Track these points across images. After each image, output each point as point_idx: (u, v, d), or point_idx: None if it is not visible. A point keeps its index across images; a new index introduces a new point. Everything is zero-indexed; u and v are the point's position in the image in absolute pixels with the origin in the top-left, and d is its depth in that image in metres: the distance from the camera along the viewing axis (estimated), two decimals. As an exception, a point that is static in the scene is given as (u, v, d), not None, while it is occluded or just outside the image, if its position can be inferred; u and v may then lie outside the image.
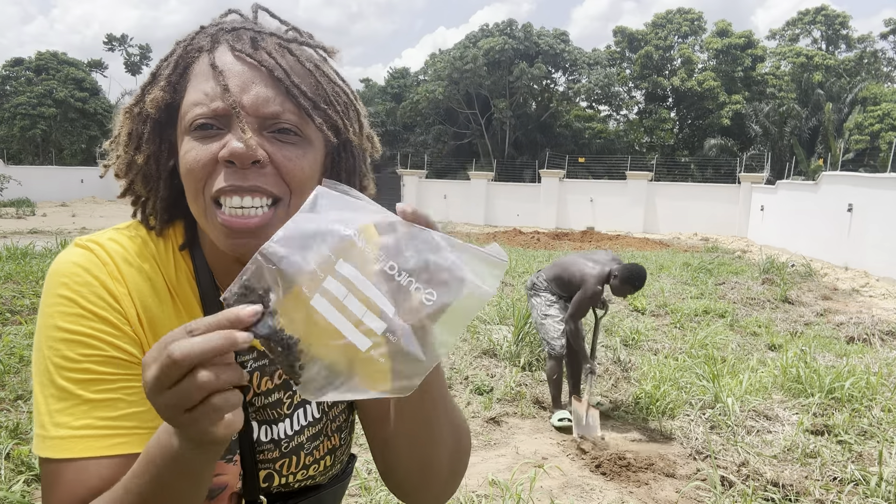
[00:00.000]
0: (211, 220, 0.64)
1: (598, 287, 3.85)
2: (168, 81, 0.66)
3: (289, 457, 0.76)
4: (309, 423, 0.78)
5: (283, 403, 0.76)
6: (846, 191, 12.52)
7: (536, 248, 15.24)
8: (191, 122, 0.64)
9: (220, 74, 0.63)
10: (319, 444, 0.79)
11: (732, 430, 3.78)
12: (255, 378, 0.74)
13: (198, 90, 0.64)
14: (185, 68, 0.67)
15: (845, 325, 6.74)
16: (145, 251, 0.71)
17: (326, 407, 0.80)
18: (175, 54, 0.68)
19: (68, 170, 29.28)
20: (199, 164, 0.63)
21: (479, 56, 28.74)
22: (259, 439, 0.75)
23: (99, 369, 0.63)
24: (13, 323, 5.47)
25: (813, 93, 28.04)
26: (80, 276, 0.65)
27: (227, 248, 0.65)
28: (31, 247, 9.62)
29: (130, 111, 0.69)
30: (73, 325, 0.64)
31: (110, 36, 38.28)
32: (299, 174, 0.66)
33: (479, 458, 3.48)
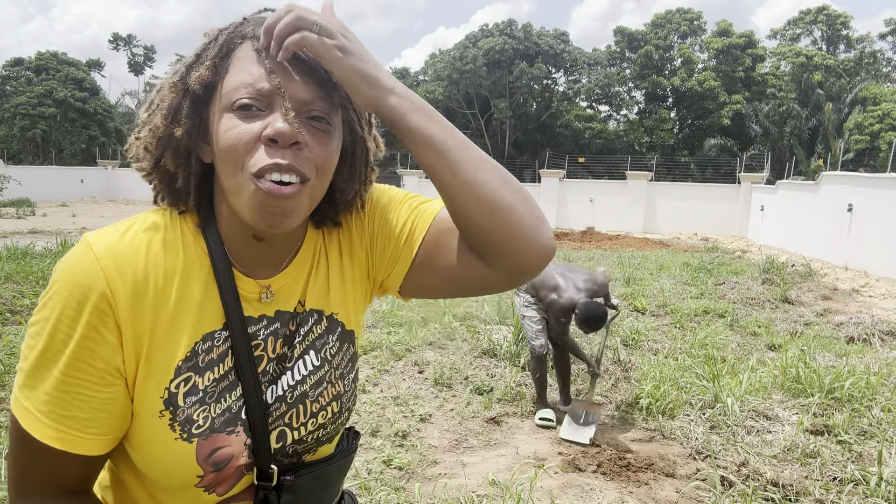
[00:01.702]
0: (247, 192, 0.68)
1: (562, 319, 3.87)
2: (213, 62, 0.71)
3: (295, 407, 0.79)
4: (309, 371, 0.81)
5: (287, 357, 0.80)
6: (846, 191, 12.52)
7: (536, 248, 15.22)
8: (234, 100, 0.68)
9: (265, 59, 0.69)
10: (323, 390, 0.82)
11: (732, 430, 3.79)
12: (269, 343, 0.78)
13: (242, 72, 0.69)
14: (228, 52, 0.72)
15: (845, 325, 6.74)
16: (157, 237, 0.74)
17: (328, 355, 0.83)
18: (220, 38, 0.73)
19: (68, 170, 29.26)
20: (241, 141, 0.68)
21: (479, 56, 28.75)
22: (265, 402, 0.78)
23: (69, 367, 0.68)
24: (13, 323, 5.47)
25: (813, 93, 28.05)
26: (74, 276, 0.69)
27: (260, 218, 0.69)
28: (31, 247, 9.62)
29: (175, 85, 0.72)
30: (58, 320, 0.68)
31: (116, 35, 38.32)
32: (327, 158, 0.72)
33: (479, 458, 3.48)
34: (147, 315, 0.71)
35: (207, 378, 0.74)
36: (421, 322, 6.14)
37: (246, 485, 0.78)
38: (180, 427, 0.72)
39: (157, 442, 0.72)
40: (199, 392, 0.73)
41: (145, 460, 0.74)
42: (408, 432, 3.73)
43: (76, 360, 0.68)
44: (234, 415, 0.75)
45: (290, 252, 0.81)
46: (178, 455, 0.72)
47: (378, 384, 4.53)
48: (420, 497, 2.95)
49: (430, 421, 3.95)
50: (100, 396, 0.69)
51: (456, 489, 3.05)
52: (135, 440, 0.74)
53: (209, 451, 0.73)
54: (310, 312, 0.83)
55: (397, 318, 6.23)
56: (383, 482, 3.07)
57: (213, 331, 0.74)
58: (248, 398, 0.76)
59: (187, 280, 0.74)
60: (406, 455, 3.42)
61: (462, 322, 6.21)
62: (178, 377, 0.72)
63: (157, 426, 0.71)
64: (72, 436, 0.69)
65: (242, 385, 0.76)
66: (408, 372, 4.81)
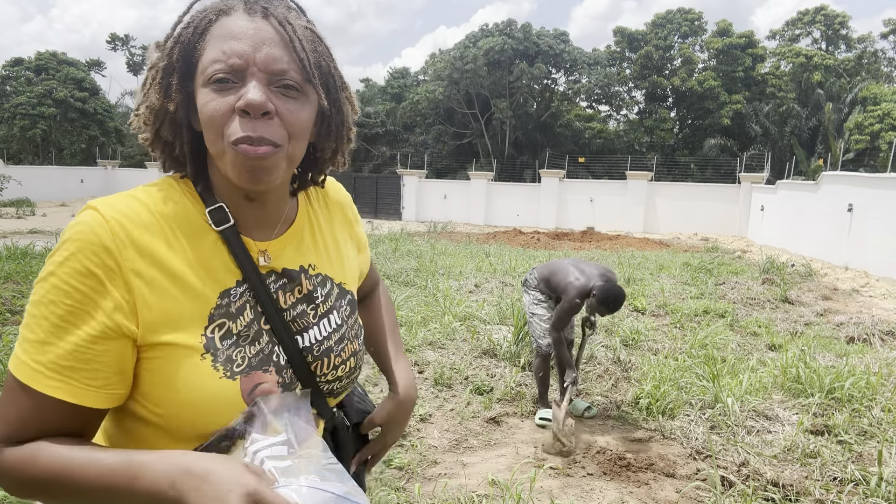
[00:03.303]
0: (229, 156, 0.75)
1: (576, 300, 3.81)
2: (191, 40, 0.77)
3: (321, 359, 0.88)
4: (334, 329, 0.91)
5: (308, 314, 0.88)
6: (846, 191, 12.52)
7: (536, 248, 15.24)
8: (210, 76, 0.74)
9: (237, 35, 0.75)
10: (344, 346, 0.92)
11: (732, 430, 3.78)
12: (279, 296, 0.85)
13: (216, 49, 0.75)
14: (204, 30, 0.77)
15: (845, 325, 6.74)
16: (161, 199, 0.80)
17: (346, 316, 0.94)
18: (191, 15, 0.78)
19: (68, 170, 29.26)
20: (219, 113, 0.74)
21: (479, 56, 28.73)
22: (297, 345, 0.86)
23: (69, 319, 0.71)
24: (13, 323, 5.47)
25: (813, 93, 28.03)
26: (81, 234, 0.73)
27: (243, 178, 0.76)
28: (31, 247, 9.62)
29: (156, 66, 0.78)
30: (64, 275, 0.72)
31: (113, 35, 38.30)
32: (298, 124, 0.78)
33: (479, 458, 3.48)
34: (160, 270, 0.75)
35: (238, 324, 0.80)
36: (421, 322, 6.13)
37: None
38: (223, 366, 0.77)
39: (203, 384, 0.76)
40: (234, 336, 0.79)
41: (189, 409, 0.76)
42: (408, 432, 3.72)
43: (78, 312, 0.71)
44: (266, 356, 0.82)
45: (282, 215, 0.88)
46: (223, 393, 0.77)
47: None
48: (420, 497, 2.95)
49: (430, 421, 3.95)
50: (98, 347, 0.72)
51: (456, 489, 3.05)
52: (172, 390, 0.76)
53: (251, 387, 0.79)
54: (325, 277, 0.92)
55: (397, 317, 6.22)
56: (383, 482, 3.07)
57: (228, 288, 0.80)
58: (282, 340, 0.83)
59: (195, 238, 0.80)
60: (406, 455, 3.42)
61: (462, 322, 6.21)
62: (213, 323, 0.78)
63: (201, 368, 0.76)
64: (69, 385, 0.71)
65: (272, 327, 0.83)
66: (408, 372, 4.80)
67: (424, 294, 7.65)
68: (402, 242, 13.35)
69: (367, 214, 25.90)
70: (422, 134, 34.39)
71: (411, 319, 6.15)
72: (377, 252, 11.49)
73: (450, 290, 7.58)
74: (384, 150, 33.61)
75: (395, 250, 11.95)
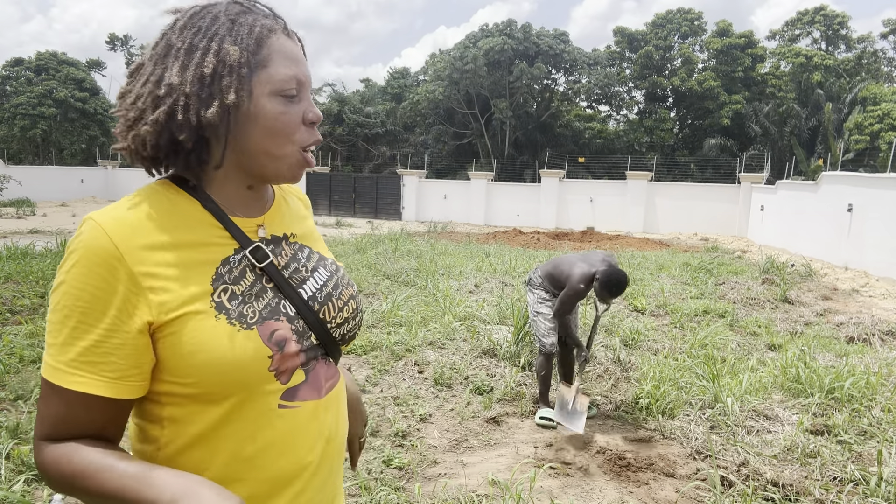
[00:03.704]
0: (293, 159, 0.90)
1: (580, 286, 3.84)
2: (248, 50, 0.85)
3: (326, 304, 0.97)
4: (326, 278, 1.00)
5: (301, 270, 0.97)
6: (846, 191, 12.52)
7: (536, 248, 15.24)
8: (283, 89, 0.87)
9: (293, 57, 0.89)
10: (342, 290, 1.01)
11: (732, 430, 3.79)
12: (274, 259, 0.94)
13: (285, 66, 0.88)
14: (260, 43, 0.86)
15: (845, 325, 6.74)
16: (152, 199, 0.86)
17: (333, 269, 1.03)
18: (252, 27, 0.87)
19: (68, 170, 29.23)
20: (293, 122, 0.89)
21: (479, 56, 28.72)
22: (302, 298, 0.94)
23: (83, 320, 0.78)
24: (13, 323, 5.47)
25: (813, 93, 28.03)
26: (83, 241, 0.80)
27: (293, 176, 0.92)
28: (31, 247, 9.62)
29: (230, 58, 0.85)
30: (72, 280, 0.79)
31: (112, 36, 38.24)
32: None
33: (479, 458, 3.48)
34: (160, 256, 0.82)
35: (240, 287, 0.87)
36: (421, 322, 6.13)
37: (299, 380, 0.91)
38: (238, 321, 0.84)
39: (224, 340, 0.82)
40: (239, 296, 0.86)
41: (217, 367, 0.82)
42: (408, 432, 3.73)
43: (90, 311, 0.78)
44: (274, 308, 0.89)
45: (264, 196, 0.99)
46: (246, 343, 0.84)
47: (378, 384, 4.53)
48: (420, 497, 2.95)
49: (430, 421, 3.95)
50: (113, 341, 0.79)
51: (456, 489, 3.05)
52: (199, 353, 0.81)
53: (269, 333, 0.86)
54: (302, 245, 1.01)
55: (397, 318, 6.23)
56: (383, 482, 3.08)
57: (227, 256, 0.88)
58: (287, 294, 0.91)
59: (186, 223, 0.86)
60: (406, 455, 3.42)
61: (462, 322, 6.21)
62: (217, 289, 0.85)
63: (218, 327, 0.83)
64: (90, 379, 0.79)
65: (279, 287, 0.91)
66: (408, 372, 4.81)
67: (424, 294, 7.66)
68: (402, 242, 13.35)
69: (367, 214, 25.90)
70: (422, 134, 34.38)
71: (411, 319, 6.15)
72: (377, 252, 11.49)
73: (450, 290, 7.58)
74: (384, 150, 33.61)
75: (395, 250, 11.95)
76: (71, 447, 0.79)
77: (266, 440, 0.88)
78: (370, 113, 33.69)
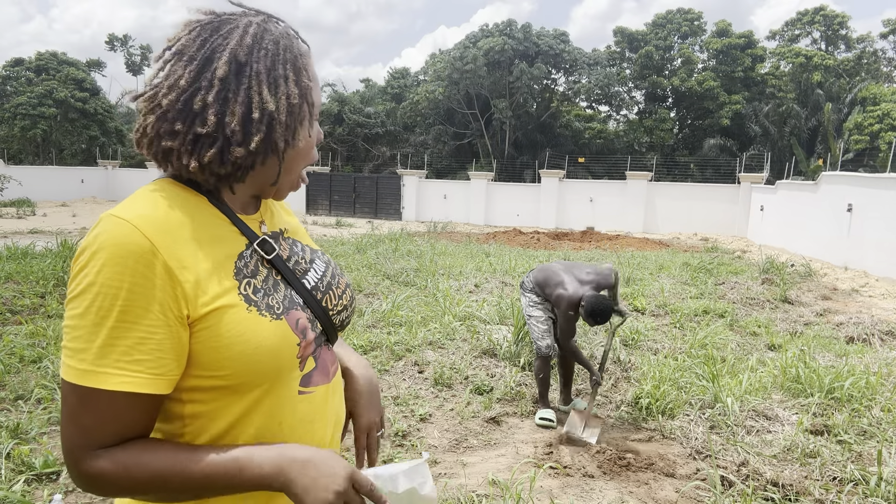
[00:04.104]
0: (297, 179, 0.97)
1: (569, 313, 3.82)
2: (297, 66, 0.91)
3: (327, 293, 1.01)
4: (324, 268, 1.04)
5: (301, 261, 1.01)
6: (846, 191, 12.52)
7: (536, 248, 15.24)
8: (318, 114, 0.95)
9: (318, 80, 0.96)
10: (340, 279, 1.06)
11: (732, 430, 3.79)
12: (284, 252, 0.97)
13: (319, 92, 0.96)
14: (304, 67, 0.92)
15: (845, 325, 6.74)
16: (167, 196, 0.86)
17: (326, 260, 1.07)
18: (301, 55, 0.92)
19: (68, 170, 29.24)
20: (312, 145, 0.96)
21: (479, 56, 28.73)
22: (306, 287, 0.98)
23: (123, 319, 0.77)
24: (13, 323, 5.47)
25: (812, 93, 28.04)
26: (109, 240, 0.78)
27: (294, 189, 0.98)
28: (31, 247, 9.61)
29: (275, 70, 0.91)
30: (107, 279, 0.77)
31: (112, 36, 38.29)
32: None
33: (479, 458, 3.49)
34: (188, 250, 0.83)
35: (258, 280, 0.90)
36: (421, 322, 6.14)
37: (311, 367, 0.94)
38: (267, 311, 0.87)
39: (259, 329, 0.85)
40: (261, 290, 0.89)
41: (252, 357, 0.84)
42: (408, 432, 3.73)
43: (130, 309, 0.77)
44: (290, 300, 0.93)
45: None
46: (280, 331, 0.87)
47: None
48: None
49: (430, 421, 3.96)
50: (157, 337, 0.78)
51: (456, 489, 3.05)
52: (235, 345, 0.83)
53: (295, 322, 0.90)
54: (294, 240, 1.04)
55: (397, 318, 6.23)
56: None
57: (241, 251, 0.90)
58: (294, 285, 0.94)
59: (202, 219, 0.88)
60: (406, 455, 3.42)
61: (462, 322, 6.21)
62: (241, 283, 0.87)
63: (251, 317, 0.85)
64: (142, 378, 0.78)
65: (286, 278, 0.94)
66: (408, 372, 4.81)
67: (424, 294, 7.66)
68: (402, 242, 13.35)
69: (367, 214, 25.90)
70: (422, 134, 34.37)
71: (411, 319, 6.15)
72: (377, 252, 11.49)
73: (450, 290, 7.58)
74: (384, 151, 33.62)
75: (395, 250, 11.95)
76: (136, 450, 0.78)
77: (289, 425, 0.90)
78: (370, 113, 33.69)
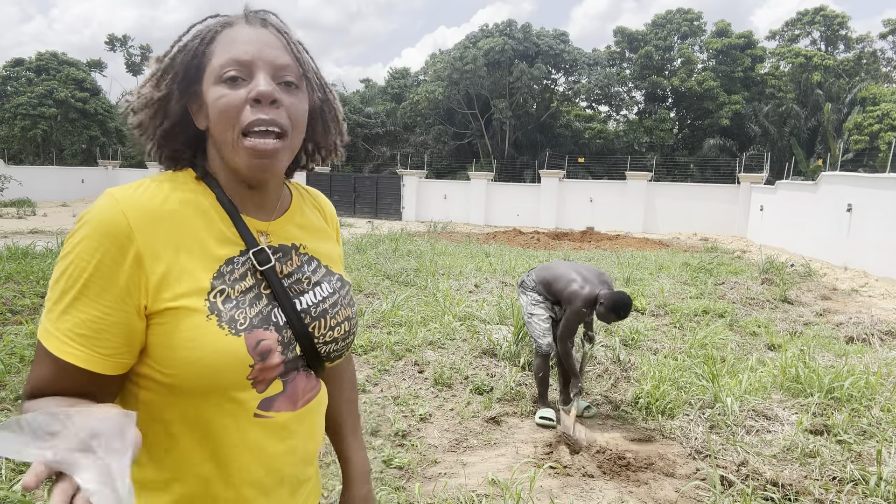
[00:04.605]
0: (239, 147, 0.85)
1: (583, 309, 3.83)
2: (198, 49, 0.87)
3: (318, 319, 0.96)
4: (327, 295, 0.99)
5: (303, 281, 0.97)
6: (845, 191, 12.53)
7: (536, 248, 15.25)
8: (222, 74, 0.84)
9: (244, 40, 0.86)
10: (339, 310, 1.00)
11: (732, 430, 3.79)
12: (278, 267, 0.94)
13: (225, 53, 0.86)
14: (210, 40, 0.87)
15: (845, 325, 6.74)
16: (168, 185, 0.88)
17: (337, 287, 1.02)
18: (196, 30, 0.89)
19: (69, 170, 29.23)
20: (232, 104, 0.84)
21: (479, 56, 28.73)
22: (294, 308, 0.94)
23: (84, 293, 0.79)
24: (14, 323, 5.48)
25: (812, 93, 28.05)
26: (97, 215, 0.80)
27: (250, 168, 0.86)
28: (31, 247, 9.62)
29: (158, 69, 0.89)
30: (82, 252, 0.79)
31: (111, 36, 38.22)
32: (299, 116, 0.89)
33: (479, 458, 3.49)
34: (169, 244, 0.83)
35: (236, 290, 0.87)
36: (421, 322, 6.14)
37: (276, 390, 0.90)
38: (227, 325, 0.84)
39: (211, 341, 0.83)
40: (234, 300, 0.86)
41: (199, 366, 0.82)
42: (408, 432, 3.73)
43: (92, 285, 0.79)
44: (265, 316, 0.89)
45: (278, 200, 0.98)
46: (231, 348, 0.84)
47: (378, 384, 4.53)
48: (420, 497, 2.95)
49: (430, 421, 3.96)
50: (109, 319, 0.80)
51: (456, 489, 3.06)
52: (183, 349, 0.82)
53: (255, 342, 0.86)
54: (311, 257, 1.00)
55: (397, 318, 6.24)
56: (383, 482, 3.08)
57: (232, 256, 0.89)
58: (282, 302, 0.91)
59: (200, 218, 0.88)
60: (406, 455, 3.42)
61: (462, 322, 6.22)
62: (214, 290, 0.85)
63: (208, 327, 0.83)
64: (80, 351, 0.79)
65: (275, 294, 0.91)
66: (408, 372, 4.82)
67: (424, 294, 7.66)
68: (402, 242, 13.36)
69: (367, 214, 25.90)
70: (422, 134, 34.37)
71: (411, 319, 6.15)
72: (377, 252, 11.50)
73: (450, 290, 7.59)
74: (384, 151, 33.60)
75: (395, 250, 11.95)
76: (42, 401, 0.79)
77: (234, 445, 0.88)
78: (370, 113, 33.68)
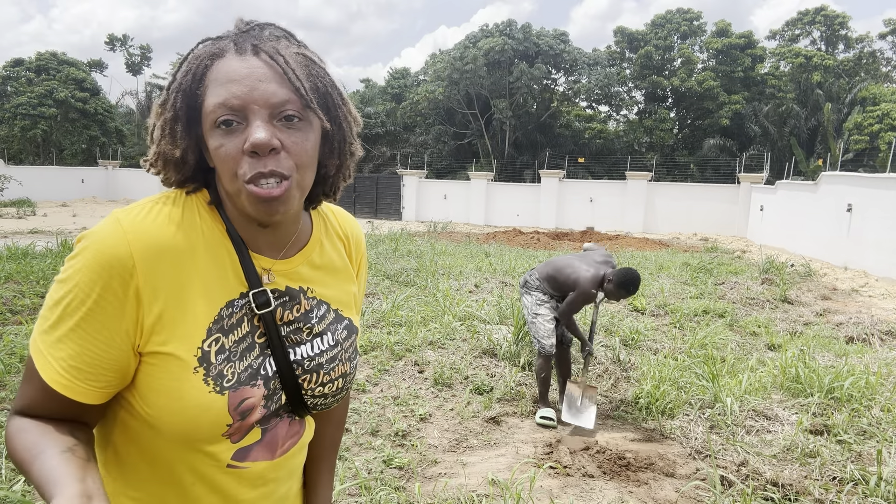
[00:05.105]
0: (244, 194, 0.79)
1: (591, 290, 3.87)
2: (190, 89, 0.80)
3: (310, 373, 0.91)
4: (327, 348, 0.94)
5: (303, 332, 0.91)
6: (845, 191, 12.53)
7: (536, 248, 15.25)
8: (214, 120, 0.78)
9: (233, 78, 0.77)
10: (335, 366, 0.95)
11: (732, 430, 3.79)
12: (278, 312, 0.89)
13: (215, 94, 0.78)
14: (201, 76, 0.80)
15: (845, 325, 6.75)
16: (178, 214, 0.83)
17: (340, 339, 0.96)
18: (189, 62, 0.81)
19: (69, 170, 29.25)
20: (230, 156, 0.78)
21: (479, 56, 28.73)
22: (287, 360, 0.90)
23: (82, 325, 0.76)
24: (14, 323, 5.47)
25: (812, 93, 28.05)
26: (100, 243, 0.77)
27: (259, 213, 0.80)
28: (31, 247, 9.61)
29: (163, 116, 0.82)
30: (81, 281, 0.76)
31: (111, 36, 38.22)
32: (305, 155, 0.81)
33: (479, 458, 3.49)
34: (170, 282, 0.79)
35: (231, 339, 0.84)
36: (421, 322, 6.14)
37: (253, 439, 0.87)
38: (213, 381, 0.81)
39: (192, 396, 0.80)
40: (226, 351, 0.83)
41: (176, 416, 0.80)
42: (408, 432, 3.73)
43: (90, 319, 0.76)
44: (254, 370, 0.85)
45: (292, 236, 0.91)
46: (211, 406, 0.80)
47: (378, 384, 4.53)
48: (420, 497, 2.95)
49: (430, 421, 3.96)
50: (105, 355, 0.78)
51: (456, 489, 3.06)
52: (164, 396, 0.80)
53: (238, 402, 0.83)
54: (320, 301, 0.94)
55: (397, 318, 6.23)
56: (383, 482, 3.08)
57: (232, 299, 0.84)
58: (275, 352, 0.87)
59: (207, 252, 0.83)
60: (406, 455, 3.42)
61: (462, 322, 6.22)
62: (210, 337, 0.82)
63: (192, 381, 0.80)
64: (73, 384, 0.78)
65: (270, 341, 0.87)
66: (408, 372, 4.82)
67: (424, 294, 7.66)
68: (402, 242, 13.36)
69: (367, 214, 25.90)
70: (422, 134, 34.37)
71: (411, 319, 6.15)
72: (377, 252, 11.50)
73: (450, 290, 7.59)
74: (384, 151, 33.59)
75: (395, 250, 11.95)
76: (25, 425, 0.78)
77: (203, 493, 0.86)
78: (370, 113, 33.66)
